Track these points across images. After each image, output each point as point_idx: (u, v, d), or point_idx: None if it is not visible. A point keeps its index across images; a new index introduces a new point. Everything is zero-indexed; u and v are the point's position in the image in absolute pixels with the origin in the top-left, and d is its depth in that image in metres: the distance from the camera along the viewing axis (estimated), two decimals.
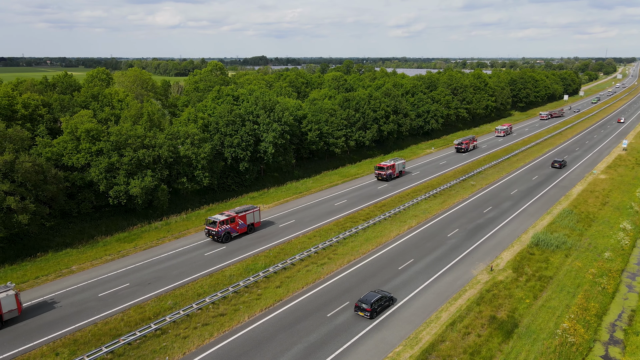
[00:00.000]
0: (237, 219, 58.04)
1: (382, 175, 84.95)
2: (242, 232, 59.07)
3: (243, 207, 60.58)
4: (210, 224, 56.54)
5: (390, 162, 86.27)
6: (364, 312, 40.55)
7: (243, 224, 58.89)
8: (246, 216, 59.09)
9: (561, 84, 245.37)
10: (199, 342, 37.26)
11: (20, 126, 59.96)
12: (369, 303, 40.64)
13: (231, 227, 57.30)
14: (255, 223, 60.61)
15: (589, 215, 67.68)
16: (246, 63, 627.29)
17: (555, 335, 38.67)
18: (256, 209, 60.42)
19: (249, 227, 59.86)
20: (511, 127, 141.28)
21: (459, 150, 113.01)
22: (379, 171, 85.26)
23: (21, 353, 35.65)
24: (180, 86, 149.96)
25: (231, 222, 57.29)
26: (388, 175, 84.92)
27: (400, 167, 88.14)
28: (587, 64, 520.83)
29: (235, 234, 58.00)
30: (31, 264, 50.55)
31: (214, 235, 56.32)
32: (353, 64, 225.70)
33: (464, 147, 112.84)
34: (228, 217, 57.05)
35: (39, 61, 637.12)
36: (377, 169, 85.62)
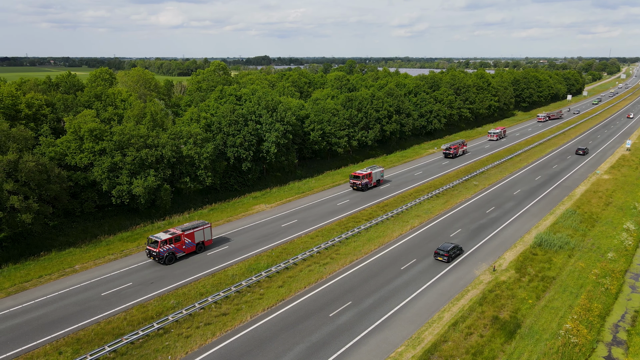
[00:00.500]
0: (183, 238, 51.88)
1: (357, 185, 78.33)
2: (190, 252, 53.16)
3: (191, 223, 54.62)
4: (152, 244, 50.74)
5: (366, 171, 79.90)
6: (443, 257, 52.03)
7: (191, 242, 52.81)
8: (194, 234, 53.02)
9: (564, 84, 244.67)
10: (202, 341, 37.34)
11: (24, 126, 60.16)
12: (446, 250, 52.20)
13: (176, 246, 51.22)
14: (205, 241, 54.54)
15: (592, 216, 67.47)
16: (249, 63, 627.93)
17: (558, 336, 38.58)
18: (207, 226, 54.43)
19: (198, 246, 53.77)
20: (505, 130, 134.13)
21: (447, 155, 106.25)
22: (354, 180, 78.53)
23: (24, 352, 35.79)
24: (183, 86, 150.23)
25: (176, 242, 51.26)
26: (364, 185, 78.50)
27: (378, 175, 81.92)
28: (591, 63, 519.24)
29: (181, 254, 52.01)
30: (35, 263, 50.75)
31: (155, 256, 50.37)
32: (356, 64, 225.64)
33: (452, 153, 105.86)
34: (172, 236, 50.95)
35: (43, 61, 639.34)
36: (352, 177, 78.86)
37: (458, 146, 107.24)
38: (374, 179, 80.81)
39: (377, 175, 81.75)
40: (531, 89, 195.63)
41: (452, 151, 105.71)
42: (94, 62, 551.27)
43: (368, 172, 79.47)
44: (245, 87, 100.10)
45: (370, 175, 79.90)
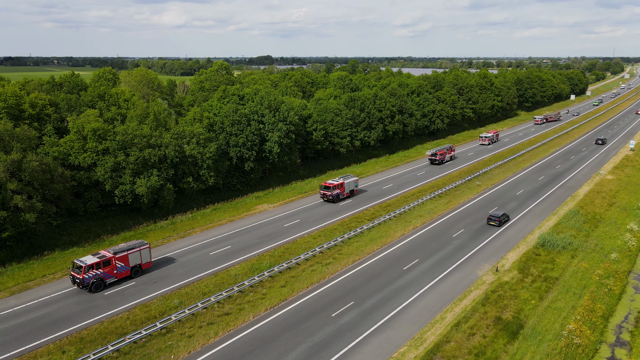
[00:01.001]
0: (114, 261, 45.92)
1: (327, 196, 71.95)
2: (124, 277, 47.22)
3: (127, 244, 48.36)
4: (76, 269, 44.93)
5: (338, 180, 73.70)
6: (495, 222, 63.15)
7: (124, 266, 46.77)
8: (128, 257, 46.96)
9: (568, 84, 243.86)
10: (204, 341, 37.41)
11: (28, 125, 60.35)
12: (497, 216, 63.56)
13: (105, 272, 45.17)
14: (143, 264, 48.46)
15: (596, 216, 67.27)
16: (252, 62, 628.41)
17: (561, 337, 38.49)
18: (144, 247, 48.38)
19: (134, 269, 47.78)
20: (497, 134, 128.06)
21: (432, 162, 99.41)
22: (324, 191, 72.16)
23: (28, 351, 35.94)
24: (186, 86, 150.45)
25: (105, 266, 45.15)
26: (335, 196, 71.88)
27: (352, 185, 75.30)
28: (595, 63, 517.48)
29: (111, 279, 45.97)
30: (38, 262, 50.93)
31: (79, 283, 44.35)
32: (358, 64, 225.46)
33: (439, 159, 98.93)
34: (101, 260, 44.81)
35: (46, 61, 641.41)
36: (323, 188, 72.43)
37: (445, 151, 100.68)
38: (347, 189, 74.32)
39: (351, 185, 75.19)
40: (534, 89, 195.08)
41: (439, 157, 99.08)
42: (97, 62, 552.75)
43: (340, 182, 72.90)
44: (248, 86, 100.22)
45: (343, 186, 73.35)
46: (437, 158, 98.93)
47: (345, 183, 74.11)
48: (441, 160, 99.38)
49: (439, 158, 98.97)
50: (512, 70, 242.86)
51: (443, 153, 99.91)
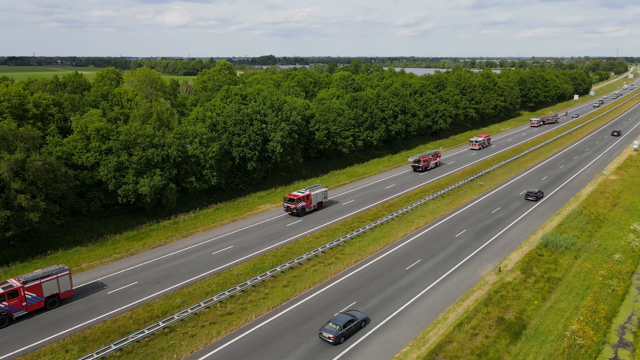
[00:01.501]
0: (23, 292, 39.65)
1: (291, 209, 65.77)
2: (37, 309, 40.91)
3: (43, 270, 41.93)
4: None
5: (304, 192, 67.38)
6: (532, 197, 73.94)
7: (35, 297, 40.40)
8: (42, 285, 40.54)
9: (571, 84, 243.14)
10: (207, 340, 37.48)
11: (32, 125, 60.60)
12: (534, 193, 74.33)
13: (11, 304, 39.07)
14: (61, 293, 42.01)
15: (599, 217, 67.06)
16: (254, 62, 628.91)
17: (564, 337, 38.41)
18: (63, 274, 42.02)
19: (49, 300, 41.37)
20: (489, 138, 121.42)
21: (415, 169, 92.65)
22: (288, 204, 65.97)
23: (31, 350, 36.09)
24: (189, 85, 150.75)
25: (11, 298, 39.04)
26: (300, 209, 65.91)
27: (320, 197, 68.97)
28: (598, 63, 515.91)
29: (20, 313, 39.78)
30: (42, 262, 51.10)
31: None
32: (361, 64, 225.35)
33: (422, 166, 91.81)
34: (5, 291, 38.79)
35: (50, 60, 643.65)
36: (287, 200, 66.08)
37: (429, 158, 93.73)
38: (314, 201, 67.98)
39: (319, 196, 68.78)
40: (538, 89, 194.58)
41: (422, 164, 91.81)
42: (101, 62, 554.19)
43: (306, 194, 66.66)
44: (251, 86, 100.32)
45: (309, 198, 67.06)
46: (421, 165, 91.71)
47: (312, 194, 67.63)
48: (425, 168, 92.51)
49: (423, 165, 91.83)
50: (515, 70, 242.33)
51: (427, 159, 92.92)
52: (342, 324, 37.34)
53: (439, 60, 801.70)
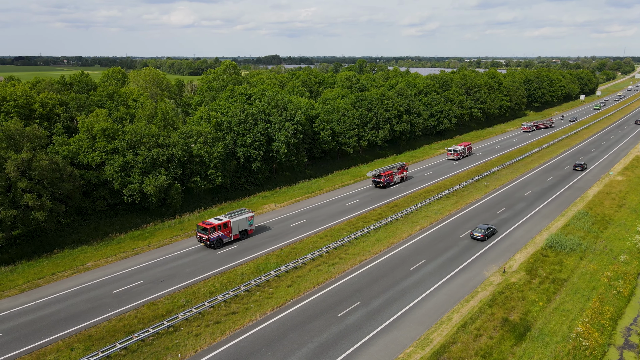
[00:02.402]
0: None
1: (204, 239, 54.25)
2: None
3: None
4: None
5: (223, 218, 55.89)
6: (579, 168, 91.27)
7: None
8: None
9: (578, 84, 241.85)
10: (211, 339, 37.61)
11: (38, 125, 61.03)
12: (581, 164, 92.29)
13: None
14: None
15: (605, 218, 66.67)
16: (259, 62, 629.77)
17: (569, 339, 38.23)
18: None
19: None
20: (470, 146, 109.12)
21: (376, 184, 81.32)
22: (201, 233, 54.54)
23: (37, 348, 36.35)
24: (194, 85, 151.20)
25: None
26: (215, 240, 54.03)
27: (244, 224, 57.23)
28: (605, 63, 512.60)
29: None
30: (48, 260, 51.47)
31: None
32: (366, 63, 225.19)
33: (384, 181, 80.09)
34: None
35: (56, 60, 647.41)
36: (200, 229, 54.70)
37: (393, 172, 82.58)
38: (235, 230, 56.44)
39: (242, 224, 57.09)
40: (543, 89, 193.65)
41: (384, 179, 79.97)
42: (107, 62, 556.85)
43: (224, 222, 55.17)
44: (256, 86, 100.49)
45: (228, 226, 55.54)
46: (382, 180, 79.82)
47: (233, 222, 56.02)
48: (387, 183, 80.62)
49: (384, 180, 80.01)
50: (521, 70, 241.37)
51: (390, 174, 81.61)
52: (485, 229, 58.98)
53: (444, 60, 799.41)
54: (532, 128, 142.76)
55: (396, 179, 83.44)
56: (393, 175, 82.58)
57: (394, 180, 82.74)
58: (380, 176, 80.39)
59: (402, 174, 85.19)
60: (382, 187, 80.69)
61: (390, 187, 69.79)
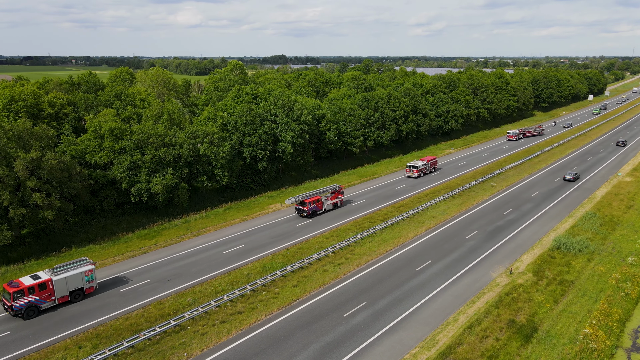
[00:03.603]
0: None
1: (7, 307, 40.05)
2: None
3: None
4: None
5: (43, 276, 41.20)
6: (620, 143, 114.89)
7: None
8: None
9: (586, 84, 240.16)
10: (217, 339, 37.77)
11: (47, 124, 61.50)
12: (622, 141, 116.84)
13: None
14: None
15: (613, 219, 66.17)
16: (266, 62, 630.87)
17: (576, 341, 37.99)
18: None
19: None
20: (435, 161, 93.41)
21: (300, 213, 65.60)
22: (5, 299, 40.24)
23: (46, 346, 36.67)
24: (201, 85, 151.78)
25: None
26: (24, 310, 39.69)
27: (77, 281, 42.53)
28: (614, 63, 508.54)
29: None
30: (56, 259, 51.89)
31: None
32: (372, 63, 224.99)
33: (309, 209, 64.59)
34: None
35: (64, 60, 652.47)
36: (5, 295, 40.28)
37: (322, 198, 67.05)
38: (61, 291, 41.61)
39: (74, 281, 42.27)
40: (551, 89, 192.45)
41: (308, 207, 64.74)
42: (114, 62, 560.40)
43: (42, 281, 40.34)
44: (262, 86, 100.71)
45: (49, 286, 40.73)
46: (306, 208, 64.65)
47: (56, 281, 41.12)
48: (313, 212, 65.47)
49: (309, 208, 64.86)
50: (528, 70, 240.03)
51: (317, 200, 66.14)
52: (574, 173, 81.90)
53: (451, 59, 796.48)
54: (518, 136, 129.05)
55: (327, 205, 67.89)
56: (322, 202, 66.98)
57: (323, 207, 67.48)
58: (303, 203, 65.40)
59: (336, 199, 69.68)
60: (305, 217, 65.29)
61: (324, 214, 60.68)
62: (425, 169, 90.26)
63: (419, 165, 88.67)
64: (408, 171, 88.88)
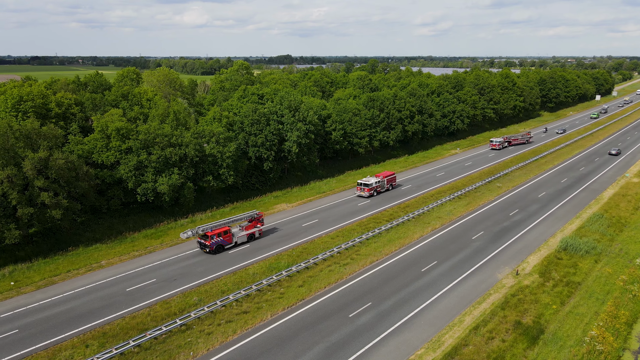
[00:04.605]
0: None
1: None
2: None
3: None
4: None
5: None
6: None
7: None
8: None
9: (593, 84, 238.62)
10: (223, 338, 37.88)
11: (54, 124, 61.94)
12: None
13: None
14: None
15: (621, 220, 65.70)
16: (271, 62, 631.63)
17: (583, 343, 37.77)
18: None
19: None
20: (392, 177, 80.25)
21: (202, 247, 53.59)
22: None
23: (53, 344, 36.94)
24: (207, 85, 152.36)
25: None
26: None
27: None
28: (621, 63, 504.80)
29: None
30: (63, 258, 52.28)
31: None
32: (378, 63, 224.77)
33: (212, 244, 52.67)
34: None
35: (72, 60, 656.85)
36: None
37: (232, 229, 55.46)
38: None
39: None
40: (558, 89, 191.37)
41: (211, 241, 52.60)
42: (121, 62, 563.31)
43: None
44: (268, 86, 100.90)
45: None
46: (209, 243, 52.79)
47: None
48: (219, 246, 53.45)
49: (212, 243, 52.73)
50: (535, 70, 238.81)
51: (226, 231, 54.09)
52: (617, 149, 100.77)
53: (457, 59, 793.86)
54: (502, 144, 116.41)
55: (239, 238, 55.77)
56: (232, 233, 55.06)
57: (234, 241, 55.36)
58: (206, 237, 53.17)
59: (253, 229, 57.49)
60: (209, 252, 53.34)
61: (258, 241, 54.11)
62: (379, 187, 77.33)
63: (371, 183, 75.38)
64: (359, 189, 75.92)
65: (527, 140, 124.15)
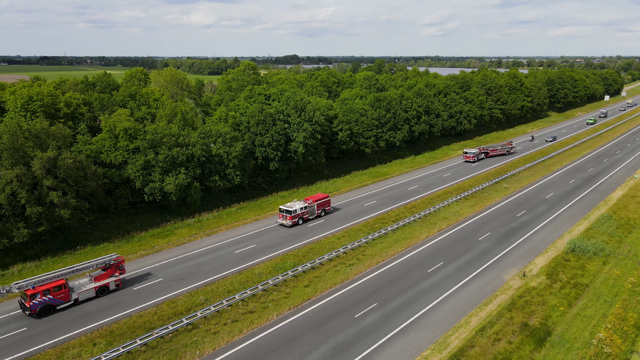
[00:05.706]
0: None
1: None
2: None
3: None
4: None
5: None
6: None
7: None
8: None
9: (602, 84, 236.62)
10: (229, 338, 38.02)
11: (63, 124, 62.47)
12: None
13: None
14: None
15: (629, 222, 65.12)
16: (278, 62, 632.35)
17: (591, 345, 37.52)
18: None
19: None
20: (325, 201, 66.93)
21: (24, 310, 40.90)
22: None
23: (61, 342, 37.28)
24: (214, 85, 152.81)
25: None
26: None
27: None
28: (631, 62, 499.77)
29: None
30: (71, 257, 52.70)
31: None
32: (385, 63, 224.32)
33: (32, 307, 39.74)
34: None
35: (80, 60, 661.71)
36: None
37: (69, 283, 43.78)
38: None
39: None
40: (566, 89, 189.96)
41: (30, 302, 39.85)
42: (128, 62, 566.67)
43: None
44: (274, 86, 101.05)
45: None
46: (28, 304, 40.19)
47: None
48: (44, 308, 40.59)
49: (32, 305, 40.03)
50: (543, 70, 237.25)
51: (59, 286, 41.44)
52: None
53: (464, 59, 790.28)
54: (477, 156, 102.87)
55: (80, 294, 43.21)
56: (69, 288, 42.64)
57: (73, 298, 42.71)
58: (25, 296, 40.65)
59: (107, 280, 44.93)
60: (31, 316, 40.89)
61: None
62: (306, 213, 64.00)
63: (295, 210, 62.20)
64: (281, 217, 62.77)
65: (507, 151, 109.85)
